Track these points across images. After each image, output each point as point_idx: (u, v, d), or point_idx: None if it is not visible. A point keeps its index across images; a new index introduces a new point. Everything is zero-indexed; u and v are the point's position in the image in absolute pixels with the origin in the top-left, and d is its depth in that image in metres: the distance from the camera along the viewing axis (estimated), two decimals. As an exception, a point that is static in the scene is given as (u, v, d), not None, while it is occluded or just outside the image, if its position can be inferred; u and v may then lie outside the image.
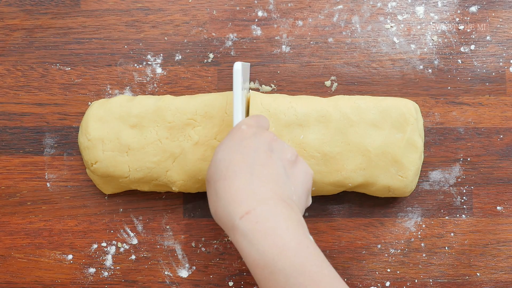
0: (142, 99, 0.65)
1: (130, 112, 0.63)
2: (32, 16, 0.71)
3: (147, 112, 0.63)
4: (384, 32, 0.71)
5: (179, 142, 0.63)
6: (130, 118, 0.63)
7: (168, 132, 0.63)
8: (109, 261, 0.67)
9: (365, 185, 0.64)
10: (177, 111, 0.63)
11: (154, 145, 0.63)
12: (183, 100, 0.64)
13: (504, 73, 0.70)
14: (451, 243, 0.67)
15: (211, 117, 0.63)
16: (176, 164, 0.63)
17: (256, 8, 0.71)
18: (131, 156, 0.63)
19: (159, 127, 0.63)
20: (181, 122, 0.63)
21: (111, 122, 0.64)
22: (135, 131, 0.63)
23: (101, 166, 0.64)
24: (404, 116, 0.64)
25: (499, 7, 0.71)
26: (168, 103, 0.64)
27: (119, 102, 0.64)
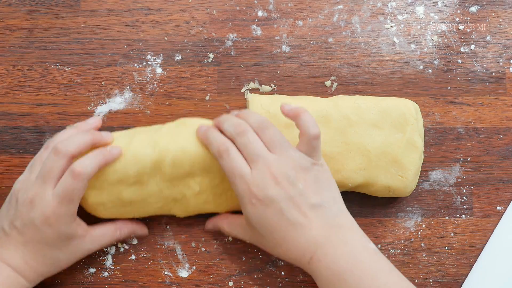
0: (137, 152, 0.59)
1: (127, 173, 0.59)
2: (32, 16, 0.71)
3: (145, 169, 0.59)
4: (384, 32, 0.71)
5: (180, 189, 0.62)
6: (129, 179, 0.60)
7: (169, 182, 0.61)
8: (109, 261, 0.67)
9: (365, 185, 0.64)
10: (174, 164, 0.60)
11: (156, 195, 0.61)
12: (179, 147, 0.59)
13: (504, 73, 0.70)
14: (451, 243, 0.67)
15: (210, 171, 0.61)
16: (178, 205, 0.63)
17: (256, 8, 0.71)
18: (134, 207, 0.62)
19: (158, 180, 0.60)
20: (180, 173, 0.60)
21: (108, 188, 0.60)
22: (136, 187, 0.60)
23: (105, 214, 0.63)
24: (404, 116, 0.64)
25: (499, 7, 0.71)
26: (164, 154, 0.59)
27: (113, 167, 0.59)
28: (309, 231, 0.57)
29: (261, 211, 0.57)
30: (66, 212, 0.58)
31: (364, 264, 0.56)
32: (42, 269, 0.59)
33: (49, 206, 0.57)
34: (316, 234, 0.57)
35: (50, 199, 0.57)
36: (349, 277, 0.55)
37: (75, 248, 0.60)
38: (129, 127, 0.69)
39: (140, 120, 0.69)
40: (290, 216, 0.57)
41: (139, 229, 0.65)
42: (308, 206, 0.57)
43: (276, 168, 0.57)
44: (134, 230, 0.64)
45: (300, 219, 0.57)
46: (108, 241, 0.62)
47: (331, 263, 0.56)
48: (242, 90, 0.70)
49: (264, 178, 0.57)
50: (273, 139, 0.58)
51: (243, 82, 0.70)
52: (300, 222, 0.57)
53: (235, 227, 0.62)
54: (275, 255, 0.60)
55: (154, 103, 0.69)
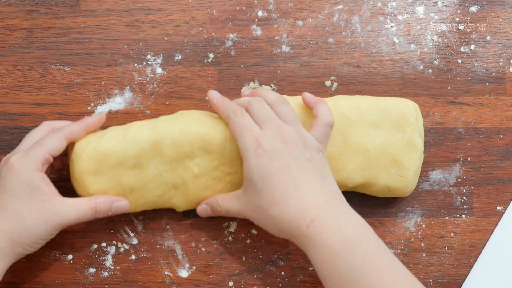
0: (135, 134, 0.60)
1: (126, 154, 0.59)
2: (32, 16, 0.71)
3: (144, 149, 0.59)
4: (384, 32, 0.71)
5: (179, 173, 0.61)
6: (128, 161, 0.59)
7: (168, 165, 0.60)
8: (109, 261, 0.67)
9: (365, 185, 0.64)
10: (173, 144, 0.60)
11: (156, 180, 0.61)
12: (177, 128, 0.60)
13: (504, 73, 0.70)
14: (451, 243, 0.67)
15: (209, 152, 0.61)
16: (178, 192, 0.62)
17: (256, 8, 0.71)
18: (134, 195, 0.61)
19: (158, 162, 0.60)
20: (179, 154, 0.60)
21: (108, 172, 0.60)
22: (135, 171, 0.60)
23: None
24: (404, 116, 0.64)
25: (499, 7, 0.71)
26: (163, 135, 0.60)
27: (112, 149, 0.59)
28: (312, 193, 0.55)
29: (265, 162, 0.55)
30: (30, 156, 0.57)
31: (371, 240, 0.54)
32: (4, 224, 0.56)
33: (18, 154, 0.58)
34: (320, 199, 0.55)
35: (22, 151, 0.58)
36: (357, 247, 0.52)
37: (41, 205, 0.57)
38: (129, 127, 0.69)
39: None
40: (294, 174, 0.55)
41: (119, 202, 0.61)
42: (312, 174, 0.56)
43: (287, 133, 0.57)
44: (111, 200, 0.60)
45: (303, 180, 0.55)
46: (83, 209, 0.58)
47: (338, 229, 0.53)
48: (242, 90, 0.70)
49: (274, 135, 0.57)
50: (288, 114, 0.59)
51: (243, 82, 0.70)
52: (302, 183, 0.55)
53: (228, 199, 0.60)
54: (267, 221, 0.56)
55: (154, 103, 0.69)
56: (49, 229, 0.58)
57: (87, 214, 0.59)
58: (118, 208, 0.61)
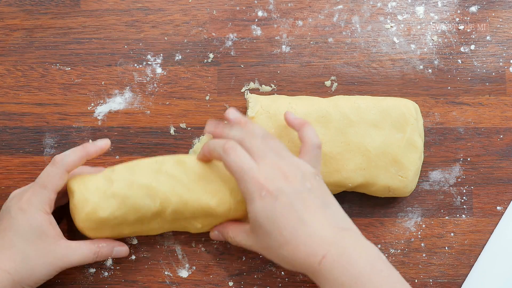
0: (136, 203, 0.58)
1: (127, 219, 0.59)
2: (32, 16, 0.71)
3: (145, 216, 0.59)
4: (384, 32, 0.71)
5: (182, 225, 0.63)
6: (129, 221, 0.60)
7: (171, 223, 0.62)
8: (109, 261, 0.66)
9: (365, 185, 0.64)
10: (175, 214, 0.60)
11: (158, 230, 0.63)
12: (180, 202, 0.59)
13: (504, 73, 0.70)
14: (451, 243, 0.67)
15: (213, 217, 0.61)
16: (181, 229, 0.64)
17: (256, 8, 0.71)
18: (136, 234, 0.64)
19: (160, 221, 0.61)
20: (183, 218, 0.61)
21: (109, 229, 0.60)
22: (137, 225, 0.61)
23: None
24: (404, 116, 0.64)
25: (499, 7, 0.71)
26: (164, 206, 0.59)
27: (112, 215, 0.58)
28: (320, 229, 0.55)
29: (270, 204, 0.55)
30: (38, 199, 0.58)
31: (383, 272, 0.53)
32: (10, 264, 0.57)
33: (26, 195, 0.59)
34: (328, 234, 0.55)
35: (29, 191, 0.59)
36: (367, 282, 0.52)
37: (47, 248, 0.58)
38: (129, 127, 0.69)
39: (140, 120, 0.69)
40: (299, 210, 0.55)
41: (120, 248, 0.63)
42: (316, 205, 0.56)
43: (284, 165, 0.57)
44: (113, 245, 0.62)
45: (310, 216, 0.55)
46: (86, 253, 0.60)
47: (348, 265, 0.53)
48: (242, 90, 0.70)
49: (274, 171, 0.56)
50: (278, 147, 0.59)
51: (243, 82, 0.70)
52: (309, 219, 0.55)
53: (238, 233, 0.60)
54: (279, 259, 0.57)
55: (154, 103, 0.69)
56: (51, 271, 0.59)
57: (89, 257, 0.60)
58: (119, 253, 0.63)
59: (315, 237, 0.54)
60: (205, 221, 0.62)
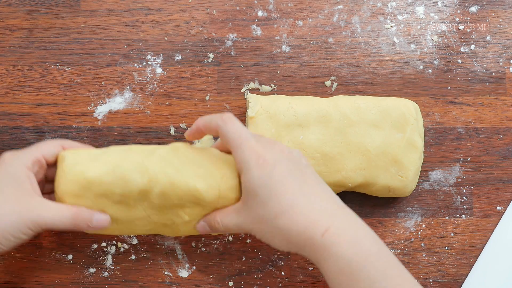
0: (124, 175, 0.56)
1: (113, 191, 0.56)
2: (32, 16, 0.71)
3: (131, 193, 0.56)
4: (384, 32, 0.71)
5: (169, 217, 0.59)
6: (114, 196, 0.57)
7: (157, 210, 0.58)
8: (109, 261, 0.67)
9: (365, 185, 0.64)
10: (162, 195, 0.57)
11: (143, 220, 0.59)
12: (167, 183, 0.56)
13: (504, 73, 0.70)
14: (451, 243, 0.67)
15: (201, 206, 0.58)
16: (168, 229, 0.60)
17: (256, 8, 0.71)
18: (120, 225, 0.59)
19: (146, 206, 0.58)
20: (169, 204, 0.57)
21: (91, 199, 0.57)
22: (121, 207, 0.58)
23: (89, 231, 0.60)
24: (404, 116, 0.64)
25: (499, 7, 0.71)
26: (153, 184, 0.56)
27: (99, 179, 0.56)
28: (320, 200, 0.52)
29: (267, 171, 0.52)
30: (24, 154, 0.57)
31: (388, 252, 0.51)
32: None
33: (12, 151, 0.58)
34: (330, 207, 0.52)
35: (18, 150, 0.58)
36: (377, 260, 0.49)
37: (20, 198, 0.55)
38: (129, 127, 0.69)
39: (140, 120, 0.69)
40: (298, 181, 0.52)
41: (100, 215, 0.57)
42: (314, 180, 0.54)
43: (279, 143, 0.56)
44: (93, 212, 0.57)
45: (309, 188, 0.53)
46: (63, 213, 0.55)
47: (355, 240, 0.50)
48: (242, 90, 0.70)
49: (270, 143, 0.55)
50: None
51: (243, 82, 0.70)
52: (308, 190, 0.53)
53: (226, 214, 0.56)
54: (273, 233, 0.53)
55: (154, 103, 0.69)
56: (21, 225, 0.54)
57: (66, 219, 0.56)
58: (99, 221, 0.57)
59: (317, 207, 0.52)
60: (193, 212, 0.58)
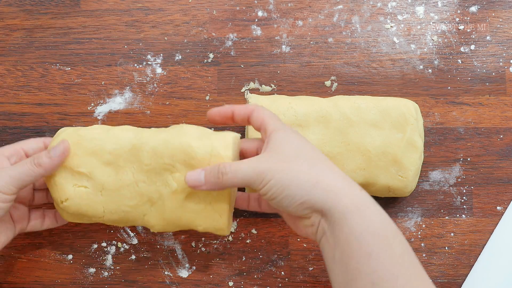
0: (117, 133, 0.57)
1: (103, 147, 0.56)
2: (32, 16, 0.71)
3: (123, 150, 0.56)
4: (384, 32, 0.71)
5: (156, 187, 0.56)
6: (104, 155, 0.56)
7: (145, 175, 0.56)
8: (109, 261, 0.67)
9: (365, 185, 0.64)
10: (154, 154, 0.55)
11: (131, 188, 0.57)
12: (162, 140, 0.56)
13: (504, 73, 0.70)
14: (451, 243, 0.67)
15: (191, 166, 0.55)
16: (154, 209, 0.57)
17: (256, 8, 0.71)
18: (105, 196, 0.57)
19: (135, 169, 0.56)
20: (159, 165, 0.56)
21: (82, 156, 0.56)
22: (110, 169, 0.57)
23: (72, 204, 0.57)
24: (404, 116, 0.64)
25: (499, 7, 0.71)
26: (145, 142, 0.56)
27: (91, 135, 0.57)
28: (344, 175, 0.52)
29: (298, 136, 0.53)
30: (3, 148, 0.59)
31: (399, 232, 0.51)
32: None
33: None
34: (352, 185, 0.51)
35: None
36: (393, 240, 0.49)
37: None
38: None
39: (140, 120, 0.69)
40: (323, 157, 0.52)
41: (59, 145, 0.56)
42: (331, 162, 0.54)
43: None
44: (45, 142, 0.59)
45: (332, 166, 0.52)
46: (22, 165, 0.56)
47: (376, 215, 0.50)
48: (242, 90, 0.70)
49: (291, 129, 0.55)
50: None
51: (243, 82, 0.70)
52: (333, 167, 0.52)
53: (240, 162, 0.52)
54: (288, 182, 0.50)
55: (154, 103, 0.69)
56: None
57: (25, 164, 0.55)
58: (58, 149, 0.56)
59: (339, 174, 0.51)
60: (182, 178, 0.55)
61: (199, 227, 0.57)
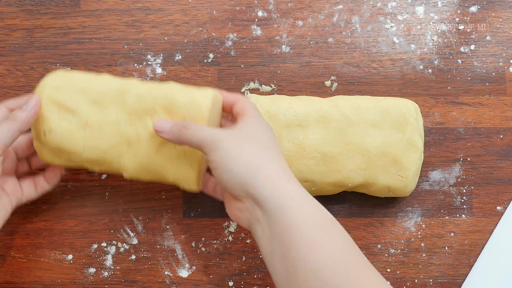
0: (107, 77, 0.61)
1: (92, 87, 0.59)
2: (32, 16, 0.71)
3: (109, 91, 0.59)
4: (384, 32, 0.71)
5: (136, 129, 0.59)
6: (92, 94, 0.59)
7: (127, 116, 0.59)
8: (109, 261, 0.67)
9: (365, 185, 0.64)
10: (138, 97, 0.59)
11: (112, 126, 0.59)
12: (147, 87, 0.59)
13: (504, 73, 0.70)
14: (451, 243, 0.67)
15: (170, 112, 0.58)
16: (130, 151, 0.59)
17: (256, 8, 0.71)
18: (87, 133, 0.59)
19: (119, 109, 0.59)
20: (141, 109, 0.59)
21: (69, 92, 0.59)
22: (95, 108, 0.59)
23: (55, 138, 0.59)
24: (404, 116, 0.64)
25: (499, 7, 0.71)
26: (131, 87, 0.59)
27: (81, 75, 0.60)
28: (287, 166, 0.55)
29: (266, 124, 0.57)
30: None
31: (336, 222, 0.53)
32: None
33: None
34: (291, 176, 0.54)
35: None
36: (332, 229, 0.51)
37: None
38: (129, 127, 0.69)
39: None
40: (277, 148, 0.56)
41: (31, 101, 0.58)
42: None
43: None
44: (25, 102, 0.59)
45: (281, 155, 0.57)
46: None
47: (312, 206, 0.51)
48: (242, 90, 0.70)
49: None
50: None
51: (243, 82, 0.70)
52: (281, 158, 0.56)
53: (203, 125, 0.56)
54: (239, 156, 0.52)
55: (154, 103, 0.69)
56: None
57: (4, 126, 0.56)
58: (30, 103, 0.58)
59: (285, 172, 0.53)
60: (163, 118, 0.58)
61: (169, 177, 0.60)
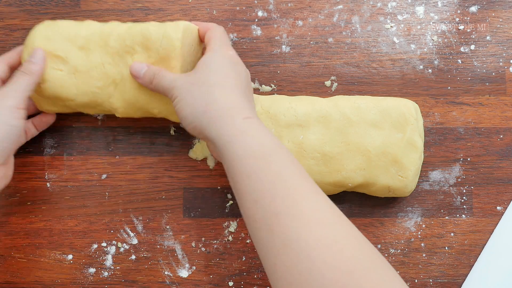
0: (91, 22, 0.64)
1: (78, 33, 0.63)
2: (32, 16, 0.71)
3: (94, 35, 0.63)
4: (384, 32, 0.71)
5: (119, 69, 0.63)
6: (78, 39, 0.63)
7: (111, 58, 0.63)
8: (109, 261, 0.67)
9: (365, 185, 0.64)
10: (119, 37, 0.63)
11: (98, 69, 0.63)
12: (127, 26, 0.63)
13: (504, 73, 0.70)
14: (451, 243, 0.67)
15: (147, 48, 0.62)
16: (117, 91, 0.63)
17: (256, 8, 0.71)
18: (78, 78, 0.63)
19: (103, 52, 0.63)
20: (122, 48, 0.63)
21: (59, 41, 0.63)
22: (82, 53, 0.63)
23: (49, 86, 0.63)
24: (404, 116, 0.64)
25: (499, 7, 0.71)
26: (112, 28, 0.63)
27: (66, 24, 0.64)
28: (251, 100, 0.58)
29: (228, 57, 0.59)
30: None
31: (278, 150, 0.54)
32: None
33: None
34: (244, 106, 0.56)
35: None
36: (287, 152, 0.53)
37: None
38: (130, 127, 0.69)
39: (140, 120, 0.69)
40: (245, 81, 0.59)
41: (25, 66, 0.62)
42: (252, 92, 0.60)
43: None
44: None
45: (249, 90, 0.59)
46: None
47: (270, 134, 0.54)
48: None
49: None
50: None
51: (243, 82, 0.70)
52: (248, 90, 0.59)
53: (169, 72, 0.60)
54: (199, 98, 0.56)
55: (154, 103, 0.69)
56: None
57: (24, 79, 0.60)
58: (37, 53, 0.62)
59: (245, 101, 0.56)
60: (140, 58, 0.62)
61: (155, 110, 0.64)
